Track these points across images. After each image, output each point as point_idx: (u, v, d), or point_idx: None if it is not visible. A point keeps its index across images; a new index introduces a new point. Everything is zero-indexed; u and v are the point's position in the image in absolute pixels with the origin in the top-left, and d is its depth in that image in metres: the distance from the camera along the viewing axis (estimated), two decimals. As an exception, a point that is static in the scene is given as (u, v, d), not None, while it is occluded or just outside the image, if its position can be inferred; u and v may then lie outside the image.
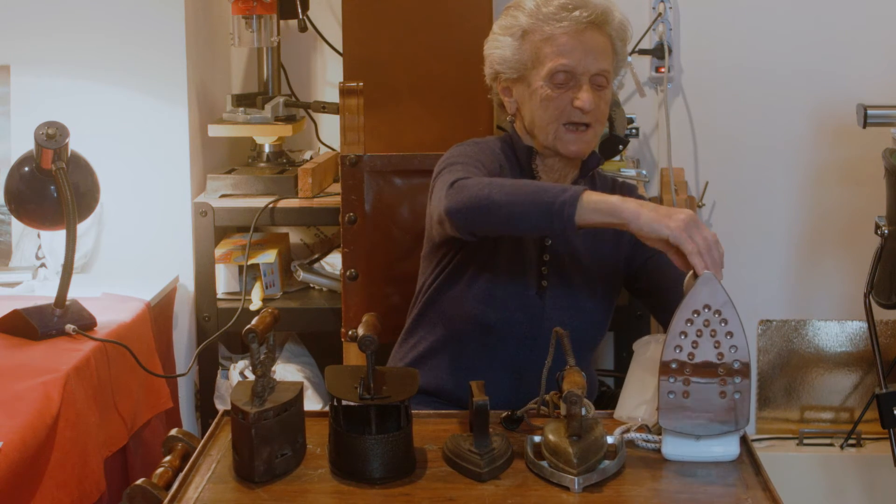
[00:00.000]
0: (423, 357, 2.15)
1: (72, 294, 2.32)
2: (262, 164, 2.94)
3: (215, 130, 2.86)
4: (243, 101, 2.91)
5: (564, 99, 2.04)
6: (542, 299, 2.09)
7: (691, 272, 1.74)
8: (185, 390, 2.84)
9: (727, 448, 1.72)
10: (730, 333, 1.68)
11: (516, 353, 2.10)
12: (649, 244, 1.77)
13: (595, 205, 1.77)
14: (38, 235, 2.71)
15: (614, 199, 1.77)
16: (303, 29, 2.95)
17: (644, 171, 2.97)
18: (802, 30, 3.11)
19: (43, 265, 2.71)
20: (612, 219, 1.77)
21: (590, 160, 2.14)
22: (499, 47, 2.10)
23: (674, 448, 1.72)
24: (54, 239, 2.65)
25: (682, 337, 1.67)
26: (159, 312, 2.65)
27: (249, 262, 2.79)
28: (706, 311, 1.67)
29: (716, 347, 1.67)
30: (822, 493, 3.14)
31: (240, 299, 2.78)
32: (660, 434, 1.74)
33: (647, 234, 1.75)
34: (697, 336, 1.67)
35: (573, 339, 1.79)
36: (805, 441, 3.20)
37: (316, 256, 2.97)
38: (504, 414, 1.84)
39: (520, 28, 2.07)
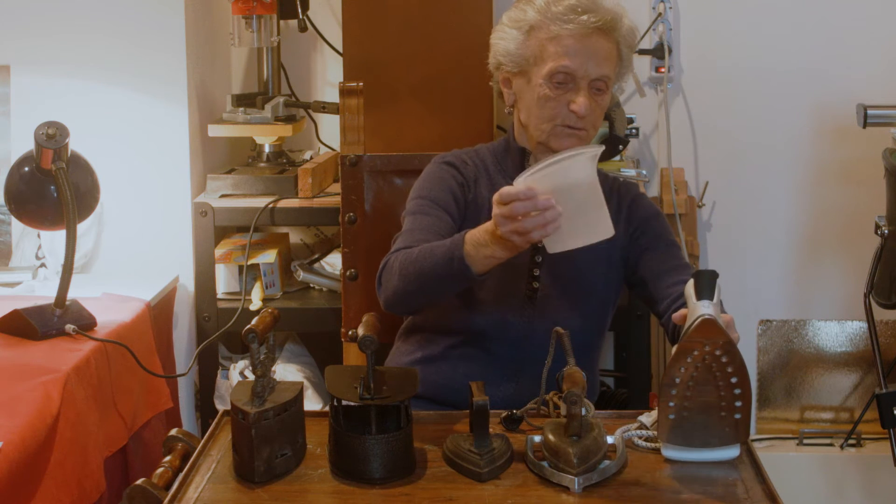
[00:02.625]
0: (420, 363, 2.14)
1: (72, 294, 2.32)
2: (262, 164, 2.94)
3: (215, 130, 2.85)
4: (243, 101, 2.91)
5: (562, 101, 2.04)
6: (532, 301, 2.09)
7: (692, 280, 1.73)
8: (185, 390, 2.83)
9: (727, 448, 1.71)
10: (731, 367, 1.65)
11: (512, 356, 2.10)
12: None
13: (482, 261, 1.87)
14: (38, 235, 2.71)
15: (487, 250, 1.86)
16: (303, 29, 2.95)
17: (644, 171, 2.97)
18: (802, 30, 3.10)
19: (43, 265, 2.71)
20: (501, 261, 1.88)
21: None
22: (504, 39, 2.11)
23: (674, 449, 1.71)
24: (54, 239, 2.65)
25: (681, 369, 1.65)
26: (159, 312, 2.65)
27: (249, 262, 2.79)
28: (708, 342, 1.65)
29: (716, 375, 1.66)
30: (822, 493, 3.14)
31: (240, 299, 2.78)
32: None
33: (510, 254, 1.85)
34: (698, 363, 1.65)
35: (569, 338, 1.79)
36: (805, 441, 3.20)
37: (316, 256, 2.97)
38: (504, 414, 1.84)
39: (527, 23, 2.07)
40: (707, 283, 1.69)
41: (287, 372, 2.85)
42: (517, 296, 2.09)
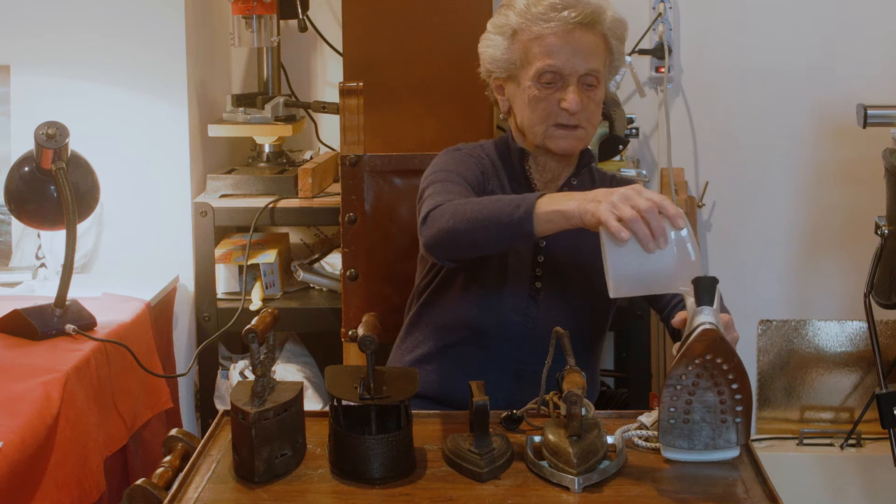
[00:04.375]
0: (420, 362, 2.15)
1: (72, 294, 2.32)
2: (262, 164, 2.94)
3: (215, 130, 2.86)
4: (243, 101, 2.92)
5: (552, 100, 2.04)
6: (535, 301, 2.09)
7: (691, 285, 1.73)
8: (185, 390, 2.84)
9: (727, 449, 1.71)
10: (732, 373, 1.65)
11: (513, 355, 2.10)
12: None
13: (547, 216, 1.77)
14: (38, 235, 2.71)
15: (563, 206, 1.76)
16: (303, 29, 2.95)
17: (644, 171, 2.97)
18: (802, 30, 3.11)
19: (43, 265, 2.71)
20: (566, 224, 1.77)
21: (583, 157, 2.14)
22: (490, 46, 2.11)
23: (674, 449, 1.71)
24: (54, 239, 2.65)
25: (682, 377, 1.65)
26: (159, 312, 2.65)
27: (249, 262, 2.79)
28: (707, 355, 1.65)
29: (717, 381, 1.66)
30: (822, 493, 3.14)
31: (240, 299, 2.78)
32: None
33: (590, 225, 1.72)
34: (699, 370, 1.65)
35: (571, 338, 1.79)
36: (805, 441, 3.20)
37: (316, 256, 2.97)
38: (504, 414, 1.84)
39: (510, 27, 2.07)
40: (707, 290, 1.69)
41: (287, 372, 2.85)
42: (520, 295, 2.09)
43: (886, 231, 2.48)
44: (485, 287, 2.09)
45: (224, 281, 2.84)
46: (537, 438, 1.73)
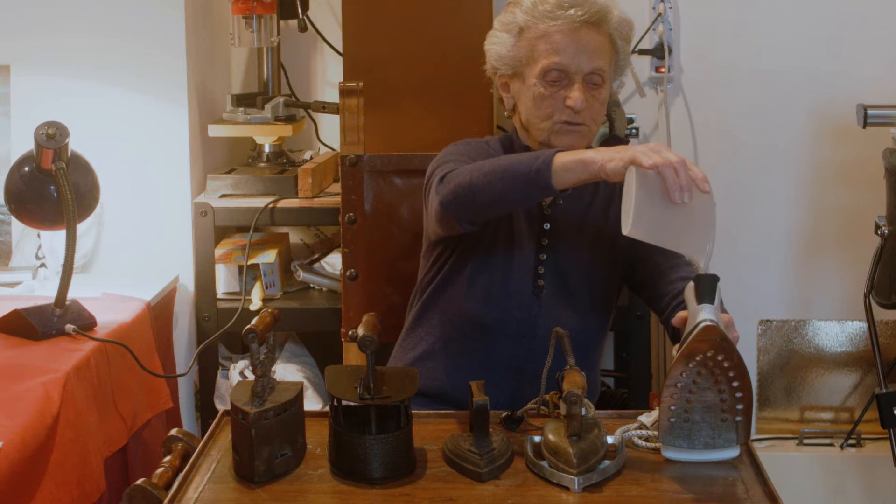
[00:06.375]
0: (422, 359, 2.15)
1: (72, 294, 2.32)
2: (262, 164, 2.94)
3: (215, 130, 2.86)
4: (243, 101, 2.92)
5: (557, 98, 2.05)
6: (538, 298, 2.09)
7: (692, 283, 1.73)
8: (185, 390, 2.84)
9: (727, 449, 1.71)
10: (733, 371, 1.66)
11: (515, 353, 2.10)
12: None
13: (566, 165, 1.79)
14: (38, 235, 2.71)
15: (583, 155, 1.78)
16: (303, 29, 2.95)
17: (644, 171, 2.96)
18: (802, 29, 3.11)
19: (43, 265, 2.71)
20: (585, 174, 1.78)
21: None
22: (496, 43, 2.12)
23: (674, 449, 1.71)
24: (54, 239, 2.65)
25: (683, 374, 1.65)
26: (159, 312, 2.65)
27: (249, 262, 2.79)
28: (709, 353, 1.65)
29: (718, 379, 1.66)
30: (822, 493, 3.14)
31: (240, 299, 2.78)
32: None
33: (613, 172, 1.74)
34: (700, 368, 1.65)
35: (572, 338, 1.79)
36: (805, 441, 3.20)
37: (316, 256, 2.97)
38: (504, 414, 1.84)
39: (516, 25, 2.08)
40: (708, 288, 1.69)
41: (287, 372, 2.85)
42: (523, 293, 2.10)
43: (886, 231, 2.48)
44: (488, 283, 2.09)
45: (224, 281, 2.84)
46: (537, 438, 1.73)
